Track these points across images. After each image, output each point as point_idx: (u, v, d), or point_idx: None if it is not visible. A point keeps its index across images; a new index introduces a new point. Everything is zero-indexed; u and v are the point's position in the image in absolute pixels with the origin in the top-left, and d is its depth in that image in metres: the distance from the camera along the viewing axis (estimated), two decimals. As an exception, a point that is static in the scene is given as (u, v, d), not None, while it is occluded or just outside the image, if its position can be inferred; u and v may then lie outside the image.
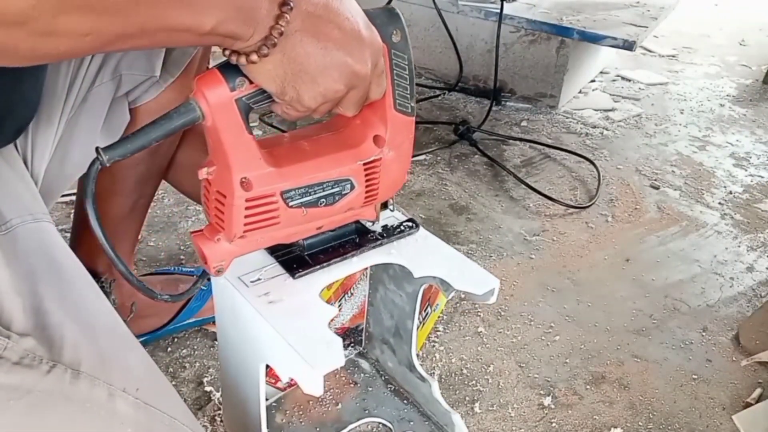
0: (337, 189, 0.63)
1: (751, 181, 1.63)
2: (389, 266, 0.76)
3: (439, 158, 1.62)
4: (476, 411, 0.97)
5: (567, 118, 1.88)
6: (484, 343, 1.10)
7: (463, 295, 1.18)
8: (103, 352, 0.57)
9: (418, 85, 2.00)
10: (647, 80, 2.17)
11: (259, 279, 0.68)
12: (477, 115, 1.84)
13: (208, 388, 0.97)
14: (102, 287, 0.84)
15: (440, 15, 1.83)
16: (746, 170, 1.68)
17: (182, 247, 1.26)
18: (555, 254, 1.32)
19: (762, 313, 1.17)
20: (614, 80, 2.15)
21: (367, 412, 0.93)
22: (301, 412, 0.92)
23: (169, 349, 1.03)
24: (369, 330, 0.97)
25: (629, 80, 2.16)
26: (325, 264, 0.69)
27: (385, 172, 0.65)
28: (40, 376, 0.52)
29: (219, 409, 0.94)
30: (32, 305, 0.56)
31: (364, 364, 0.99)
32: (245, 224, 0.59)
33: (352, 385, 0.96)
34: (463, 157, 1.64)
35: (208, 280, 0.71)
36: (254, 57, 0.49)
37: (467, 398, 0.99)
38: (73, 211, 1.01)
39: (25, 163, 0.70)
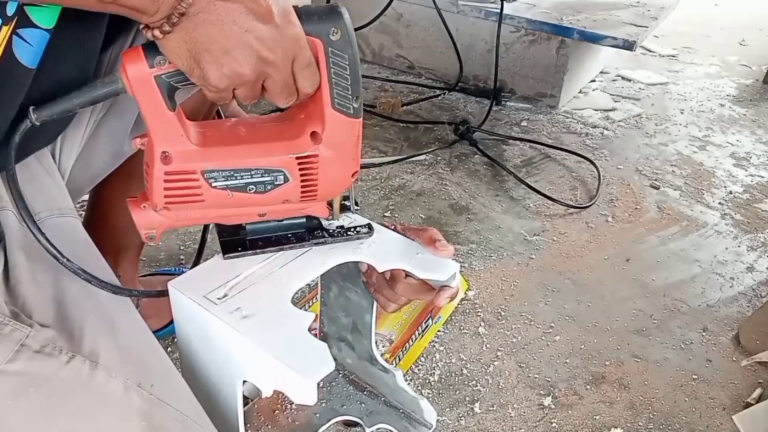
0: (269, 178, 0.63)
1: (751, 181, 1.63)
2: (342, 264, 0.76)
3: (439, 158, 1.62)
4: (476, 411, 0.97)
5: (567, 118, 1.88)
6: (484, 343, 1.10)
7: (464, 296, 1.18)
8: (121, 347, 0.58)
9: (418, 85, 2.00)
10: (647, 80, 2.17)
11: (226, 295, 0.66)
12: (477, 115, 1.84)
13: (208, 388, 0.97)
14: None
15: (440, 15, 1.83)
16: (746, 170, 1.68)
17: (182, 248, 1.26)
18: (555, 254, 1.32)
19: (762, 313, 1.17)
20: (614, 80, 2.15)
21: (335, 411, 0.93)
22: (269, 424, 0.92)
23: (170, 349, 1.04)
24: (324, 330, 0.96)
25: (629, 80, 2.16)
26: (258, 251, 0.69)
27: (325, 170, 0.65)
28: (59, 366, 0.54)
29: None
30: (54, 297, 0.57)
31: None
32: (165, 196, 0.61)
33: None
34: (463, 157, 1.64)
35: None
36: (157, 33, 0.51)
37: (467, 398, 0.99)
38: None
39: (54, 160, 0.71)
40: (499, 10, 1.75)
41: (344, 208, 0.74)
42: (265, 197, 0.64)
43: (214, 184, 0.61)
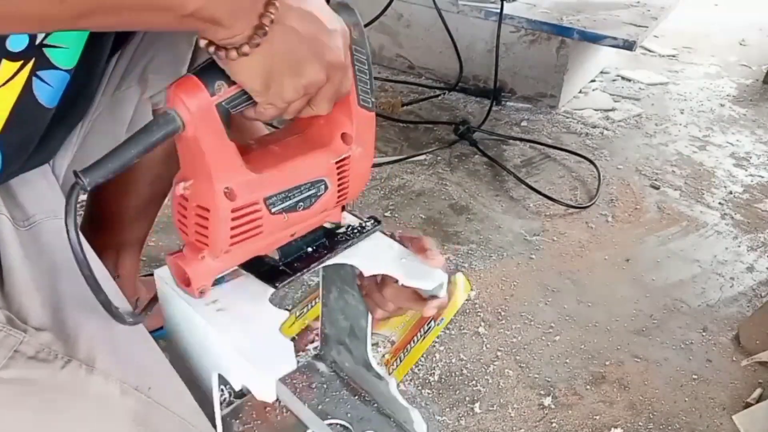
0: (314, 191, 0.62)
1: (751, 181, 1.63)
2: (341, 267, 0.75)
3: (439, 158, 1.62)
4: (476, 411, 0.97)
5: (567, 118, 1.88)
6: (484, 343, 1.10)
7: (467, 297, 1.18)
8: (118, 350, 0.58)
9: (418, 85, 2.00)
10: (647, 80, 2.17)
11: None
12: (477, 115, 1.84)
13: (208, 388, 0.97)
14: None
15: (440, 15, 1.83)
16: (746, 170, 1.68)
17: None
18: (555, 254, 1.32)
19: (762, 313, 1.17)
20: (614, 80, 2.15)
21: (325, 414, 0.92)
22: (259, 420, 0.91)
23: (170, 349, 1.03)
24: (325, 332, 0.96)
25: (629, 80, 2.16)
26: (305, 270, 0.67)
27: (355, 168, 0.65)
28: (54, 371, 0.53)
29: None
30: (51, 300, 0.57)
31: (322, 366, 0.99)
32: (232, 236, 0.57)
33: (309, 389, 0.95)
34: (463, 157, 1.64)
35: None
36: (246, 48, 0.47)
37: (467, 398, 0.99)
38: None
39: (48, 162, 0.71)
40: (499, 10, 1.75)
41: (343, 209, 0.73)
42: (311, 211, 0.63)
43: (273, 210, 0.59)
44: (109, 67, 0.72)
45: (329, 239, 0.71)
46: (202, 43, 0.48)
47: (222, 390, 0.95)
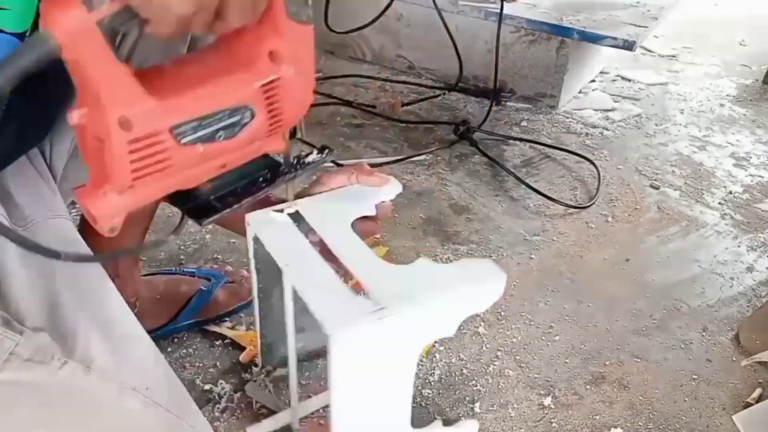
0: (236, 118, 0.55)
1: (751, 181, 1.63)
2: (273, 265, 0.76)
3: (439, 158, 1.62)
4: (476, 411, 0.97)
5: (567, 118, 1.88)
6: (484, 343, 1.10)
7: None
8: (115, 350, 0.58)
9: (418, 85, 2.00)
10: (647, 80, 2.17)
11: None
12: (477, 115, 1.84)
13: (207, 387, 0.97)
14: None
15: (440, 15, 1.83)
16: (746, 170, 1.68)
17: (182, 247, 1.26)
18: (555, 254, 1.32)
19: (762, 313, 1.17)
20: (614, 80, 2.15)
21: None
22: None
23: (169, 349, 1.03)
24: (265, 341, 0.95)
25: (629, 80, 2.16)
26: (235, 206, 0.63)
27: (288, 93, 0.57)
28: (51, 373, 0.53)
29: (219, 409, 0.94)
30: (48, 301, 0.56)
31: (281, 372, 0.98)
32: (132, 170, 0.51)
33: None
34: (463, 157, 1.64)
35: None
36: None
37: (467, 398, 0.99)
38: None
39: (45, 161, 0.71)
40: (499, 10, 1.75)
41: (292, 136, 0.66)
42: (236, 141, 0.56)
43: (183, 141, 0.53)
44: None
45: (272, 171, 0.66)
46: None
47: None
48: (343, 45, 2.15)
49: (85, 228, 0.90)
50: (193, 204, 0.62)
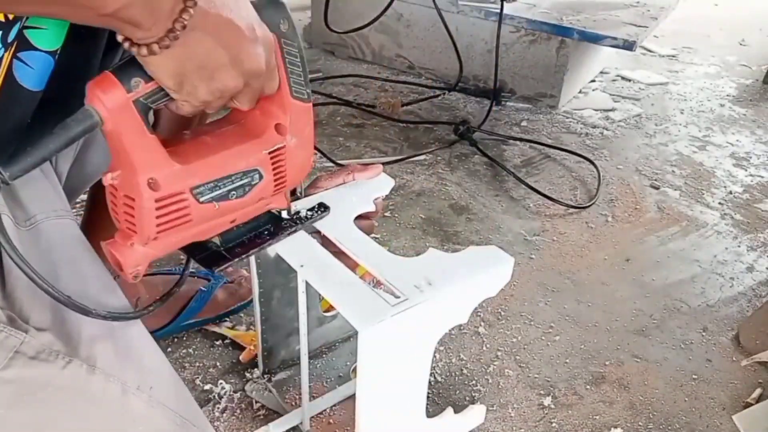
0: (246, 180, 0.64)
1: (751, 181, 1.63)
2: (279, 262, 0.80)
3: (439, 158, 1.62)
4: (476, 411, 0.97)
5: (567, 118, 1.88)
6: (484, 343, 1.10)
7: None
8: (119, 350, 0.58)
9: (418, 85, 2.00)
10: (647, 80, 2.17)
11: None
12: (477, 115, 1.84)
13: (207, 387, 0.97)
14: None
15: (440, 15, 1.83)
16: (746, 170, 1.68)
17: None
18: (555, 254, 1.32)
19: (762, 313, 1.17)
20: (614, 80, 2.15)
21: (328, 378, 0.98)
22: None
23: (169, 349, 1.04)
24: (267, 346, 0.96)
25: (629, 80, 2.16)
26: (244, 254, 0.71)
27: (291, 158, 0.67)
28: (55, 372, 0.54)
29: (219, 409, 0.94)
30: (52, 300, 0.57)
31: (283, 375, 0.99)
32: (157, 225, 0.59)
33: (295, 389, 0.97)
34: (463, 157, 1.64)
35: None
36: (156, 48, 0.49)
37: (467, 398, 0.99)
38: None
39: (50, 162, 0.71)
40: (499, 10, 1.75)
41: (292, 194, 0.76)
42: (246, 199, 0.65)
43: (201, 200, 0.61)
44: (108, 58, 0.72)
45: (275, 225, 0.74)
46: (120, 38, 0.49)
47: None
48: (343, 45, 2.16)
49: (88, 228, 0.90)
50: (205, 254, 0.70)
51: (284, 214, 0.75)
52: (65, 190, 0.71)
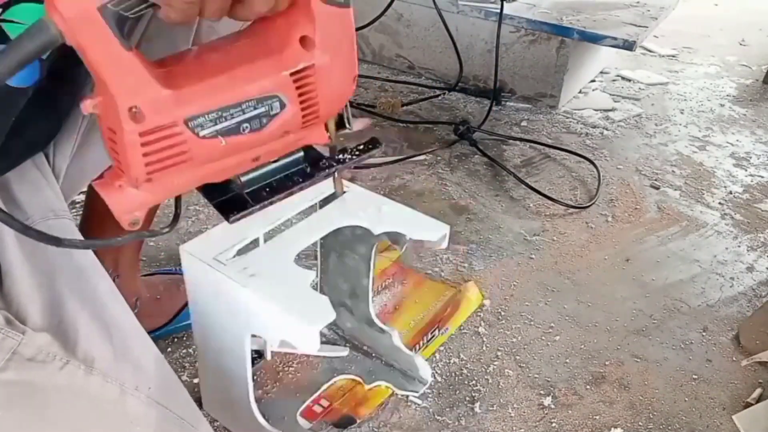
0: (263, 109, 0.51)
1: (751, 181, 1.63)
2: (339, 233, 0.79)
3: (439, 158, 1.62)
4: (476, 411, 0.97)
5: (567, 118, 1.88)
6: (484, 343, 1.10)
7: (482, 305, 1.18)
8: (117, 350, 0.58)
9: (418, 85, 2.00)
10: (647, 80, 2.17)
11: (234, 256, 0.70)
12: (477, 115, 1.84)
13: (208, 388, 0.97)
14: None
15: (440, 15, 1.83)
16: (746, 170, 1.68)
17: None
18: (555, 254, 1.32)
19: (762, 313, 1.17)
20: (614, 80, 2.15)
21: (336, 370, 0.97)
22: (275, 382, 0.94)
23: (169, 349, 1.03)
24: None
25: (629, 80, 2.16)
26: (266, 202, 0.58)
27: (323, 81, 0.52)
28: (53, 373, 0.53)
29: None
30: (50, 301, 0.57)
31: (323, 330, 1.00)
32: (146, 164, 0.48)
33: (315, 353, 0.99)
34: (463, 157, 1.64)
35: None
36: None
37: (467, 398, 0.99)
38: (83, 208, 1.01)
39: (48, 161, 0.71)
40: (499, 10, 1.75)
41: (340, 127, 0.61)
42: (263, 134, 0.52)
43: (201, 133, 0.49)
44: None
45: (313, 165, 0.60)
46: None
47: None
48: (343, 45, 2.15)
49: (87, 228, 0.90)
50: (224, 199, 0.58)
51: (326, 152, 0.61)
52: (63, 188, 0.71)
